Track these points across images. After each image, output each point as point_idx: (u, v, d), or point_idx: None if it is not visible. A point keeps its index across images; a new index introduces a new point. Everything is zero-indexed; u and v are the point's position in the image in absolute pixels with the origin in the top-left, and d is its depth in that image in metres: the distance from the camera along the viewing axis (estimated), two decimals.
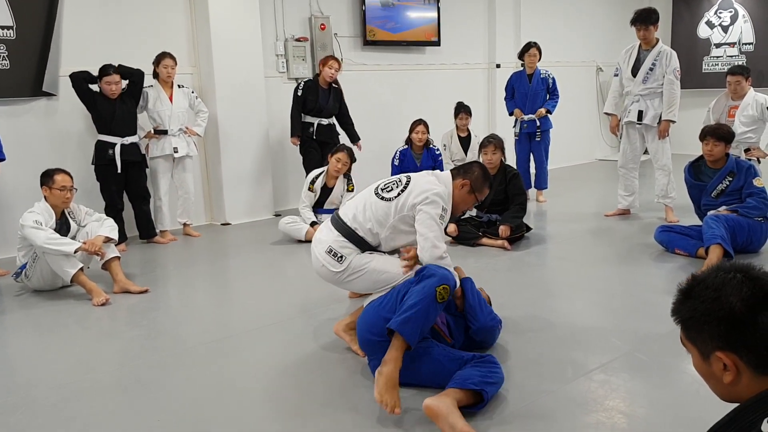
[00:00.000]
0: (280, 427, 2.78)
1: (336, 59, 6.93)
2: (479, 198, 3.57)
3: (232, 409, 2.94)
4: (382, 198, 3.38)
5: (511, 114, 7.86)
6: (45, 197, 4.72)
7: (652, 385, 3.02)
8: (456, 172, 3.52)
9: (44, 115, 6.05)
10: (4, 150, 5.39)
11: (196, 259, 5.82)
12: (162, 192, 6.32)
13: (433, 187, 3.34)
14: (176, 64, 6.21)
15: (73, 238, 4.74)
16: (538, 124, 7.63)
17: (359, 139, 7.19)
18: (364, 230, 3.37)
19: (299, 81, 6.98)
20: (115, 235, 4.83)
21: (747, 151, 6.02)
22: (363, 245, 3.39)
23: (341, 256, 3.38)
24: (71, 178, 4.79)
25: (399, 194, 3.35)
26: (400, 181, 3.44)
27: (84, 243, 4.62)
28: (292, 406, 2.95)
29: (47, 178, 4.72)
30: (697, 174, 5.39)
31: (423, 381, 3.01)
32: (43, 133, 6.04)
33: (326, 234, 3.47)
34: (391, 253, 3.49)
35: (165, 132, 6.21)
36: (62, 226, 4.75)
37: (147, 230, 6.26)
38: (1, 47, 5.69)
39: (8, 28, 5.70)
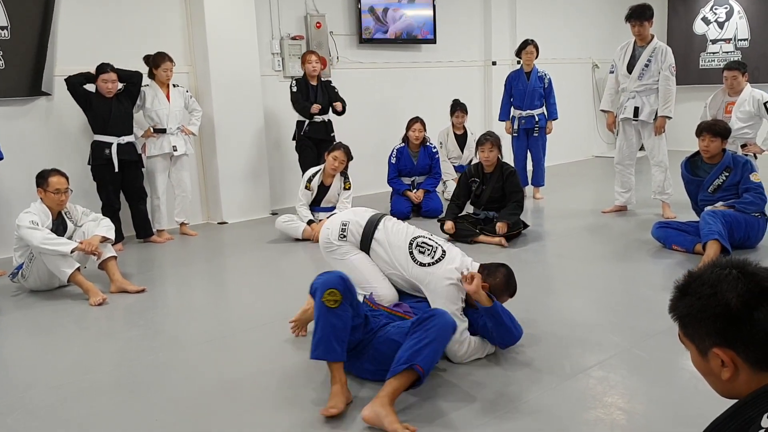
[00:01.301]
0: (279, 426, 2.78)
1: (314, 53, 6.92)
2: (503, 300, 3.44)
3: (231, 409, 2.93)
4: (412, 254, 3.41)
5: (501, 120, 7.88)
6: (41, 198, 4.71)
7: (650, 382, 3.03)
8: (483, 269, 3.42)
9: (40, 115, 6.03)
10: (2, 150, 5.37)
11: (193, 259, 5.81)
12: (160, 191, 6.31)
13: (447, 283, 3.28)
14: (174, 65, 6.21)
15: (70, 238, 4.74)
16: (536, 119, 7.63)
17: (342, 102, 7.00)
18: (378, 251, 3.53)
19: (291, 80, 6.97)
20: (112, 235, 4.82)
21: (743, 146, 6.03)
22: (364, 247, 3.56)
23: (344, 236, 3.56)
24: (66, 179, 4.78)
25: (427, 265, 3.35)
26: (434, 249, 3.40)
27: (80, 243, 4.62)
28: (290, 405, 2.95)
29: (42, 180, 4.71)
30: (693, 170, 5.40)
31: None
32: (39, 133, 6.02)
33: (359, 213, 3.69)
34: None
35: (163, 131, 6.20)
36: (59, 226, 4.74)
37: (144, 230, 6.25)
38: None
39: (2, 28, 5.68)
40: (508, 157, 7.51)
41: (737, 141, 6.00)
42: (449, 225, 5.79)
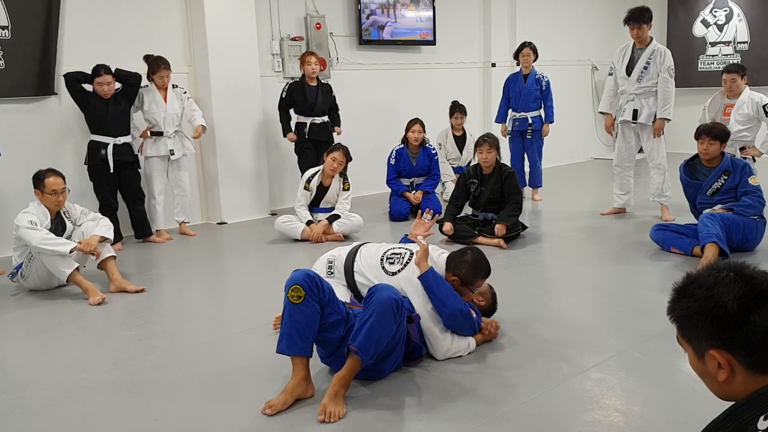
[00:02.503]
0: (277, 426, 2.78)
1: (313, 54, 6.92)
2: (473, 289, 3.50)
3: (229, 409, 2.94)
4: (383, 267, 3.54)
5: (498, 122, 7.90)
6: (39, 200, 4.72)
7: (648, 384, 3.03)
8: (449, 262, 3.48)
9: (40, 114, 6.03)
10: (0, 148, 5.38)
11: (192, 259, 5.81)
12: (157, 191, 6.31)
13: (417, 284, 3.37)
14: (170, 72, 6.22)
15: (69, 237, 4.74)
16: (530, 122, 7.64)
17: (339, 125, 7.17)
18: (361, 285, 3.60)
19: (286, 83, 6.99)
20: (111, 235, 4.83)
21: (742, 149, 6.04)
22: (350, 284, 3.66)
23: (332, 273, 3.72)
24: (63, 179, 4.77)
25: (398, 272, 3.47)
26: (402, 257, 3.52)
27: (79, 243, 4.62)
28: (294, 404, 2.95)
29: (38, 181, 4.70)
30: (692, 172, 5.41)
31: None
32: (38, 133, 6.02)
33: (338, 253, 3.79)
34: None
35: (161, 133, 6.20)
36: (57, 226, 4.74)
37: (142, 230, 6.25)
38: None
39: (3, 28, 5.68)
40: (507, 159, 7.53)
41: (736, 144, 6.01)
42: (448, 226, 5.80)
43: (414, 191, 7.09)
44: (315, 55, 6.95)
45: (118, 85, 5.92)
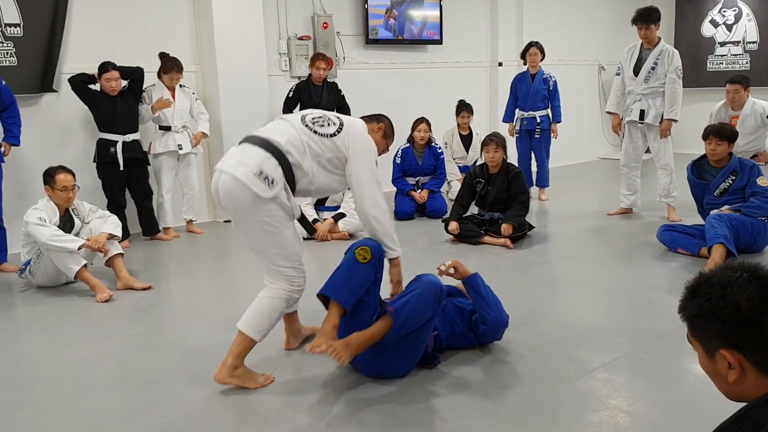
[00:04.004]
0: (285, 422, 2.79)
1: (323, 58, 6.92)
2: (389, 144, 3.55)
3: (236, 406, 2.95)
4: (316, 132, 3.15)
5: (505, 122, 7.90)
6: (48, 196, 4.74)
7: (655, 384, 3.03)
8: (368, 118, 3.48)
9: (50, 111, 6.06)
10: (3, 151, 5.39)
11: (199, 256, 5.83)
12: (165, 189, 6.33)
13: (369, 140, 3.29)
14: (182, 76, 6.27)
15: (77, 234, 4.76)
16: (538, 121, 7.64)
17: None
18: (297, 159, 3.07)
19: (293, 84, 7.00)
20: (119, 232, 4.85)
21: (754, 156, 6.03)
22: (289, 174, 3.06)
23: (272, 180, 2.98)
24: (73, 176, 4.80)
25: (336, 133, 3.18)
26: (329, 119, 3.25)
27: (87, 240, 4.64)
28: (296, 402, 2.96)
29: (49, 178, 4.74)
30: (700, 173, 5.40)
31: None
32: (48, 130, 6.05)
33: (249, 156, 3.03)
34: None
35: (169, 128, 6.22)
36: (66, 223, 4.76)
37: (150, 227, 6.27)
38: (9, 44, 5.70)
39: (16, 25, 5.71)
40: (514, 158, 7.52)
41: (746, 154, 5.98)
42: (454, 226, 5.79)
43: (419, 190, 7.09)
44: (324, 59, 6.92)
45: (124, 82, 5.94)
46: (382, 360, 3.08)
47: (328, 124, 3.21)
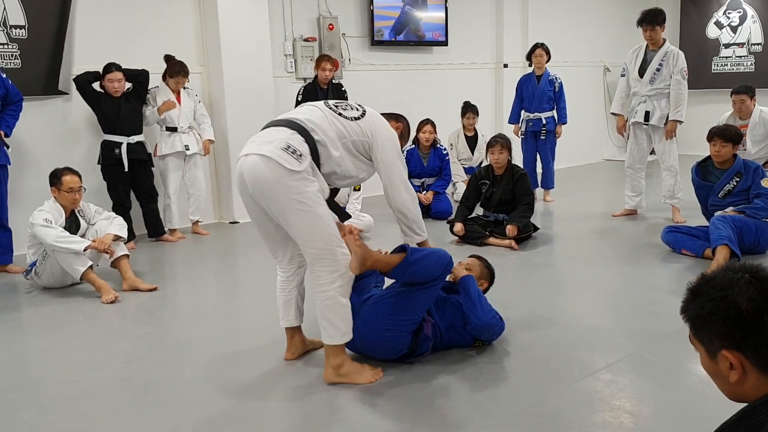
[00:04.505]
0: (289, 425, 2.80)
1: (329, 60, 6.93)
2: (403, 145, 3.53)
3: (241, 407, 2.96)
4: (341, 114, 3.13)
5: (510, 123, 7.91)
6: (54, 197, 4.76)
7: (658, 385, 3.03)
8: (387, 116, 3.45)
9: (55, 113, 6.09)
10: (10, 154, 5.39)
11: (205, 258, 5.84)
12: (171, 190, 6.34)
13: (390, 127, 3.31)
14: (188, 80, 6.30)
15: (83, 236, 4.77)
16: (543, 122, 7.64)
17: None
18: (323, 135, 3.02)
19: (301, 87, 7.02)
20: (125, 234, 4.86)
21: (767, 164, 6.02)
22: (315, 154, 3.00)
23: (300, 154, 2.93)
24: (79, 177, 4.82)
25: (360, 117, 3.18)
26: (352, 105, 3.25)
27: (93, 241, 4.66)
28: (300, 402, 2.97)
29: (55, 179, 4.76)
30: (704, 174, 5.39)
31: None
32: (53, 132, 6.08)
33: (274, 135, 3.00)
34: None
35: (175, 129, 6.24)
36: (72, 225, 4.78)
37: (155, 228, 6.29)
38: (14, 46, 5.73)
39: (20, 27, 5.74)
40: (519, 160, 7.52)
41: (759, 161, 5.96)
42: (459, 227, 5.80)
43: (425, 191, 7.10)
44: (330, 60, 6.94)
45: (128, 84, 5.97)
46: (378, 324, 3.13)
47: (352, 109, 3.22)
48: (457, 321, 3.40)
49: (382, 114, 3.41)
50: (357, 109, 3.23)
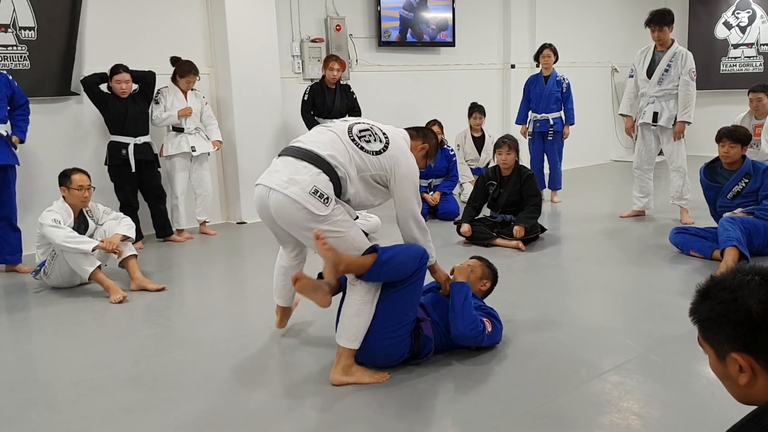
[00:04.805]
0: (297, 425, 2.81)
1: (336, 60, 6.93)
2: (428, 163, 3.57)
3: (248, 407, 2.96)
4: (362, 148, 3.14)
5: (518, 123, 7.90)
6: (63, 197, 4.78)
7: (666, 387, 3.02)
8: (416, 133, 3.45)
9: (63, 115, 6.11)
10: (18, 154, 5.41)
11: (213, 258, 5.86)
12: (179, 191, 6.36)
13: (412, 162, 3.28)
14: (198, 79, 6.32)
15: (91, 236, 4.79)
16: (551, 123, 7.62)
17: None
18: (346, 172, 3.07)
19: (307, 86, 7.03)
20: (133, 234, 4.88)
21: None
22: (338, 189, 3.08)
23: (327, 198, 3.00)
24: (88, 177, 4.85)
25: (382, 151, 3.17)
26: (375, 134, 3.22)
27: (102, 241, 4.67)
28: (308, 404, 2.97)
29: (65, 178, 4.78)
30: (712, 175, 5.37)
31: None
32: (61, 133, 6.10)
33: (299, 171, 3.04)
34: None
35: (182, 130, 6.26)
36: (80, 225, 4.80)
37: (163, 229, 6.31)
38: (23, 48, 5.75)
39: (30, 29, 5.77)
40: (526, 161, 7.51)
41: None
42: (466, 228, 5.79)
43: (432, 192, 7.09)
44: (338, 60, 6.94)
45: (135, 85, 5.99)
46: (376, 335, 3.12)
47: (375, 140, 3.19)
48: None
49: (409, 129, 3.45)
50: (381, 141, 3.20)
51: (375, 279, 3.07)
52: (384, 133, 3.25)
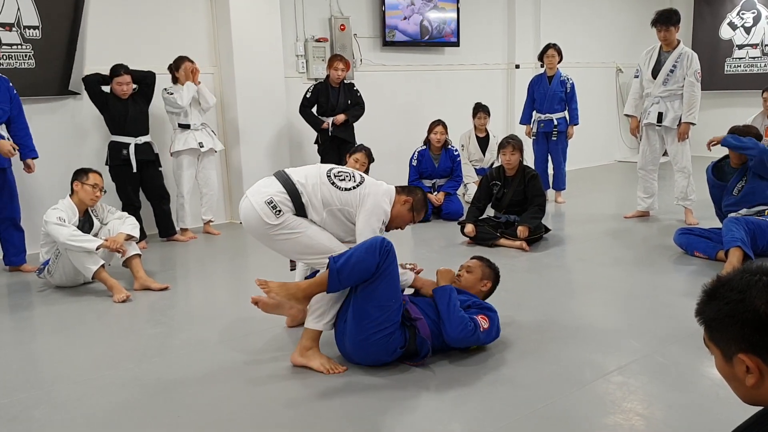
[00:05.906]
0: (300, 425, 2.80)
1: (341, 59, 6.93)
2: (416, 219, 3.69)
3: (252, 407, 2.96)
4: (333, 183, 3.45)
5: (522, 124, 7.89)
6: (74, 192, 4.80)
7: (670, 388, 3.01)
8: (401, 189, 3.65)
9: (65, 114, 6.12)
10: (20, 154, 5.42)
11: (216, 257, 5.86)
12: (185, 190, 6.36)
13: (383, 203, 3.48)
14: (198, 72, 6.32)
15: (96, 235, 4.80)
16: (555, 123, 7.61)
17: (351, 119, 7.04)
18: (309, 199, 3.40)
19: (311, 85, 7.03)
20: (137, 233, 4.89)
21: None
22: (300, 211, 3.41)
23: (279, 210, 3.37)
24: (102, 179, 4.89)
25: (352, 189, 3.45)
26: (353, 176, 3.53)
27: (106, 240, 4.68)
28: (311, 405, 2.97)
29: (82, 174, 4.83)
30: (720, 174, 5.37)
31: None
32: (63, 132, 6.10)
33: (268, 186, 3.46)
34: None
35: (188, 126, 6.25)
36: (85, 224, 4.81)
37: (167, 228, 6.31)
38: (27, 46, 5.76)
39: (34, 27, 5.77)
40: (530, 161, 7.50)
41: None
42: (470, 228, 5.78)
43: (436, 193, 7.09)
44: (343, 60, 6.93)
45: (135, 86, 5.99)
46: (363, 333, 3.14)
47: (349, 180, 3.50)
48: None
49: (398, 187, 3.66)
50: (354, 180, 3.50)
51: (340, 287, 3.15)
52: (362, 177, 3.55)
